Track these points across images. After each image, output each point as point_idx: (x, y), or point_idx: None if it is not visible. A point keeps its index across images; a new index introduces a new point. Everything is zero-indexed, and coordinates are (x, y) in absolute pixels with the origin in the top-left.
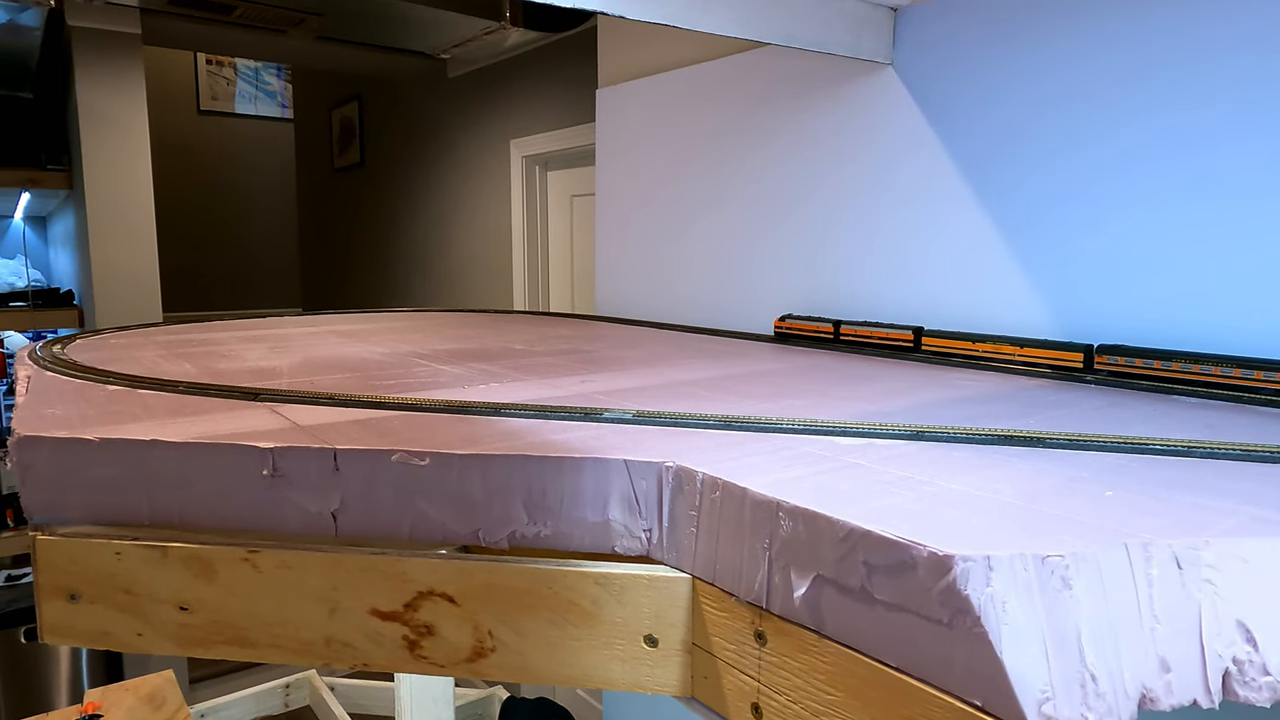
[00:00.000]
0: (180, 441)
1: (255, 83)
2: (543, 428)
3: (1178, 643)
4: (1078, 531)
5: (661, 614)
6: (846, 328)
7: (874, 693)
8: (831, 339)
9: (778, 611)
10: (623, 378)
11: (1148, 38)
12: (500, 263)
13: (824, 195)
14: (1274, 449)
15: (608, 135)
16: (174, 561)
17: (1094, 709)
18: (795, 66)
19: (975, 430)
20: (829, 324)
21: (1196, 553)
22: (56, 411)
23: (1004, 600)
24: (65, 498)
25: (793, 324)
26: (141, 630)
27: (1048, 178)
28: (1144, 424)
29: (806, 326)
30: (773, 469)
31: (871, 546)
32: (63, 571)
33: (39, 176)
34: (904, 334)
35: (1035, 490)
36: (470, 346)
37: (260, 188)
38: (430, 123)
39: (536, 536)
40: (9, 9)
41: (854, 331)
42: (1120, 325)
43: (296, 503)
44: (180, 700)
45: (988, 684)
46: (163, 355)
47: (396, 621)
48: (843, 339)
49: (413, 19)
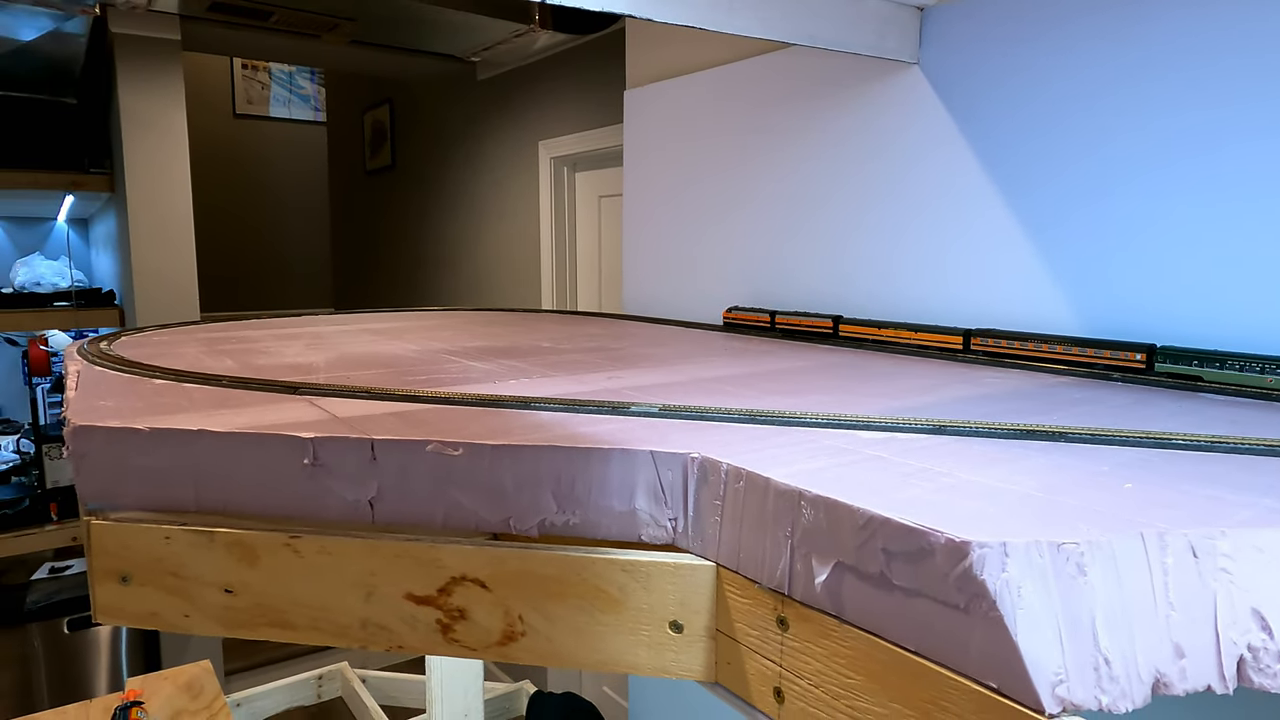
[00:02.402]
0: (225, 431)
1: (289, 87)
2: (571, 421)
3: (1192, 630)
4: (1095, 521)
5: (686, 601)
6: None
7: (893, 676)
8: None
9: (799, 598)
10: (649, 374)
11: (1174, 36)
12: (528, 263)
13: (850, 195)
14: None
15: (635, 135)
16: (219, 546)
17: (1108, 691)
18: (821, 67)
19: (997, 425)
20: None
21: (1212, 542)
22: (108, 403)
23: (1019, 585)
24: (117, 484)
25: (739, 314)
26: (188, 612)
27: (1077, 175)
28: (1168, 420)
29: (749, 316)
30: (795, 460)
31: (890, 534)
32: (114, 555)
33: (82, 180)
34: (822, 322)
35: (1055, 482)
36: (499, 344)
37: (293, 190)
38: (460, 125)
39: (565, 525)
40: (55, 17)
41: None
42: (1162, 325)
43: (335, 491)
44: (217, 689)
45: (1003, 666)
46: (204, 351)
47: (430, 606)
48: (778, 327)
49: (443, 23)
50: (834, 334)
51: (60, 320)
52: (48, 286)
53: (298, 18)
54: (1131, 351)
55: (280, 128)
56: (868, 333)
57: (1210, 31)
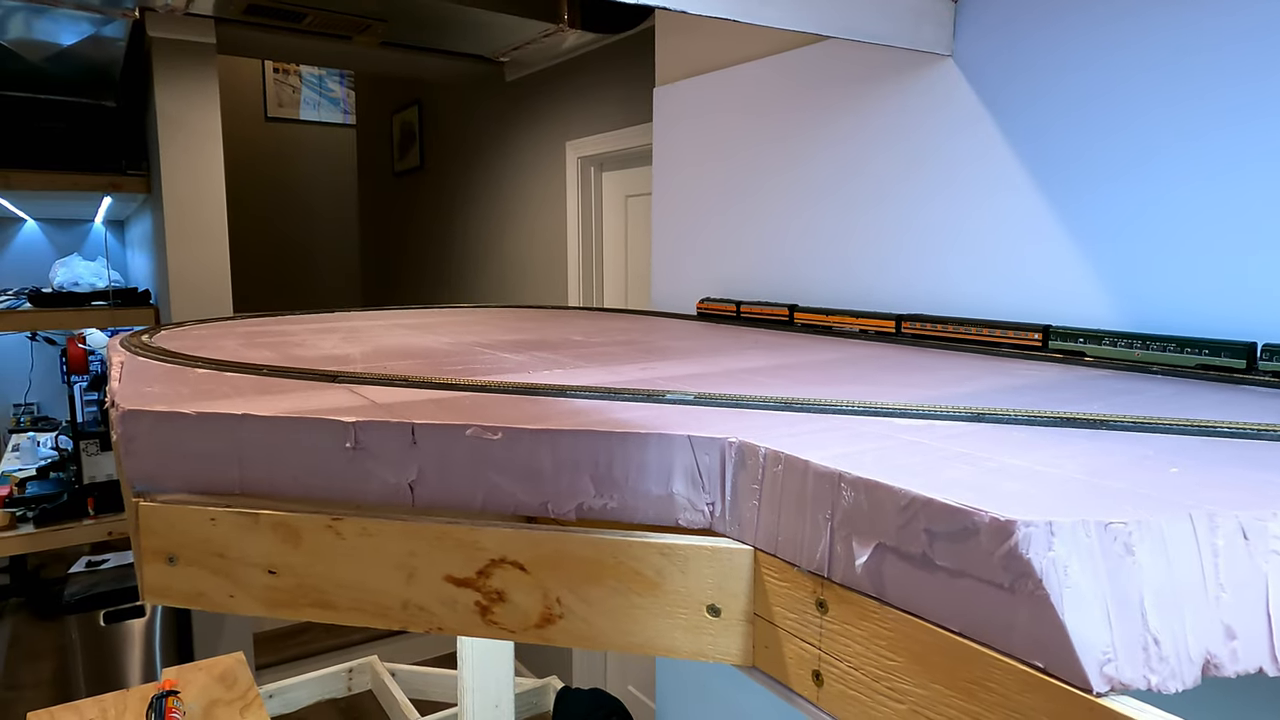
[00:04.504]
0: (270, 416)
1: (319, 90)
2: (608, 407)
3: (1244, 611)
4: (1142, 503)
5: (724, 584)
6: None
7: (936, 657)
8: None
9: (839, 580)
10: (681, 365)
11: (1220, 14)
12: (555, 263)
13: (884, 191)
14: None
15: (665, 131)
16: (263, 528)
17: (1157, 671)
18: (854, 60)
19: (1037, 413)
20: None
21: (1263, 524)
22: (155, 390)
23: (1066, 564)
24: (164, 467)
25: (710, 305)
26: (233, 592)
27: (1111, 162)
28: (1213, 410)
29: (718, 307)
30: (833, 444)
31: (933, 514)
32: (161, 536)
33: (120, 181)
34: (779, 310)
35: (1099, 466)
36: (531, 337)
37: (323, 191)
38: (488, 125)
39: (603, 509)
40: (95, 21)
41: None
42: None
43: (376, 474)
44: (250, 680)
45: (1050, 646)
46: (242, 344)
47: (469, 588)
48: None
49: (472, 23)
50: (790, 321)
51: (97, 319)
52: (85, 286)
53: (330, 19)
54: (1028, 331)
55: (311, 130)
56: (818, 319)
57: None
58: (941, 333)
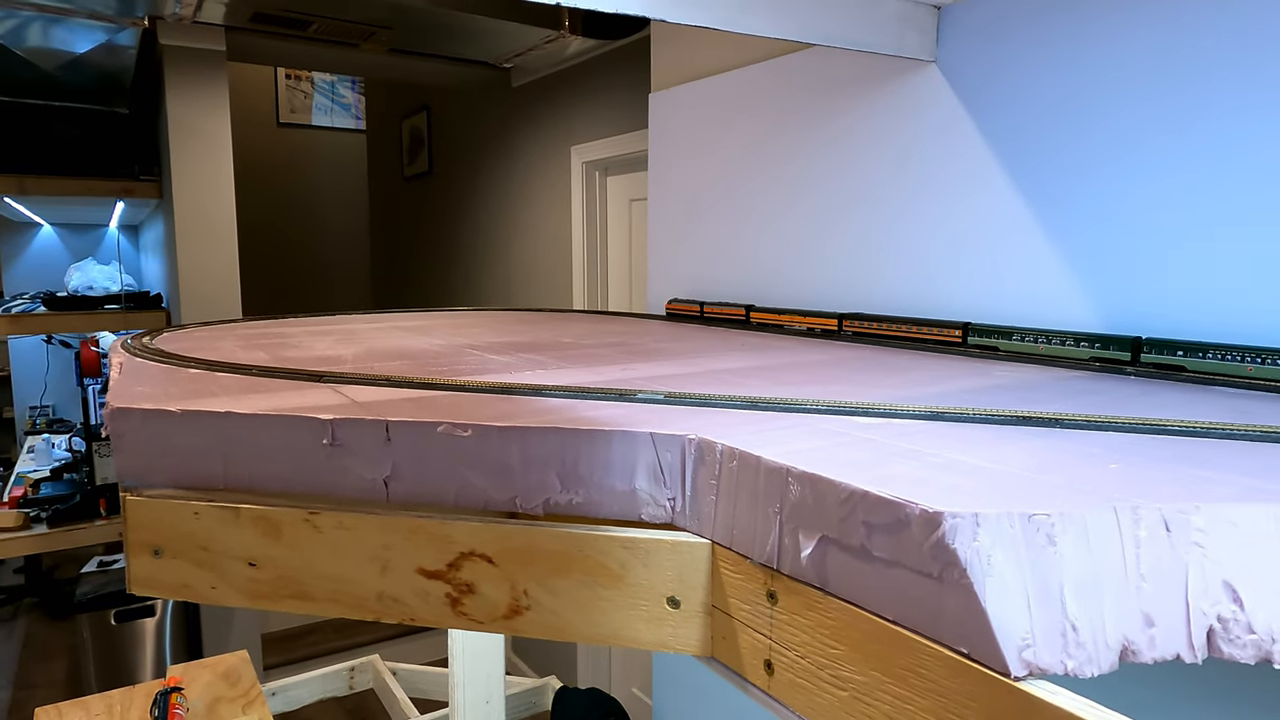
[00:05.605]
0: (251, 413)
1: (331, 96)
2: (578, 406)
3: (1163, 600)
4: (1075, 498)
5: (684, 577)
6: (710, 307)
7: (874, 645)
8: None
9: (787, 571)
10: (663, 366)
11: (1206, 29)
12: (560, 266)
13: (877, 198)
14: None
15: (659, 136)
16: (245, 521)
17: (1074, 656)
18: (841, 67)
19: (992, 411)
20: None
21: (1186, 516)
22: (145, 389)
23: (990, 554)
24: (151, 463)
25: (678, 305)
26: (215, 584)
27: (1076, 156)
28: (1174, 409)
29: (684, 307)
30: (789, 442)
31: (870, 506)
32: (148, 529)
33: (133, 186)
34: (738, 310)
35: (1041, 463)
36: (522, 339)
37: (334, 196)
38: (494, 131)
39: (569, 504)
40: (107, 30)
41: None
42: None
43: (353, 469)
44: (254, 678)
45: (973, 632)
46: (239, 345)
47: (440, 580)
48: (706, 315)
49: (475, 29)
50: (746, 321)
51: (110, 323)
52: (99, 290)
53: (336, 26)
54: (950, 329)
55: (322, 136)
56: (770, 319)
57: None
58: (876, 330)
